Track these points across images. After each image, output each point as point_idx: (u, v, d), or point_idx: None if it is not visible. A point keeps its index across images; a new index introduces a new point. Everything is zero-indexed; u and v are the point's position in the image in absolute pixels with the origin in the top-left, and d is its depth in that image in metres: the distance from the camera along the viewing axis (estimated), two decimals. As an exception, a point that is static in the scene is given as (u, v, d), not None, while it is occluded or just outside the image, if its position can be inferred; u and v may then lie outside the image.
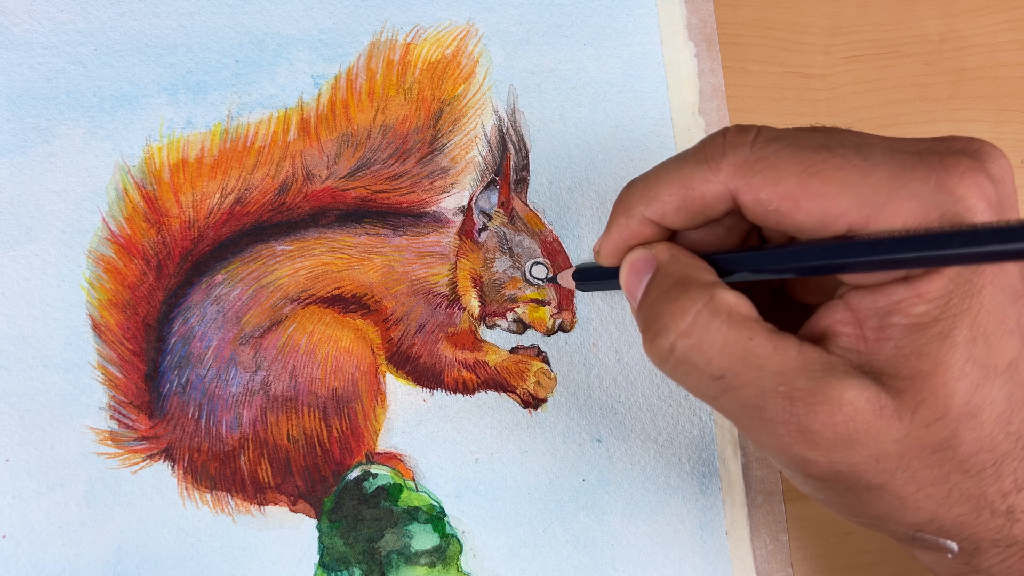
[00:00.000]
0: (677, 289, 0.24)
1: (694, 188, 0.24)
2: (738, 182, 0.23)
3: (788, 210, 0.23)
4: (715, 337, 0.23)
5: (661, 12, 0.39)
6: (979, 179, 0.21)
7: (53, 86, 0.36)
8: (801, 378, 0.22)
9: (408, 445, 0.36)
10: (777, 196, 0.23)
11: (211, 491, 0.35)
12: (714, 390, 0.23)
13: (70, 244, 0.36)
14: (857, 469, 0.22)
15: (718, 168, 0.24)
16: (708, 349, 0.23)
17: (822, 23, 0.40)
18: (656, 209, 0.25)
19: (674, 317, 0.23)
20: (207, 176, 0.36)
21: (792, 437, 0.22)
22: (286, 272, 0.36)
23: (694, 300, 0.23)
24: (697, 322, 0.23)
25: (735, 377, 0.23)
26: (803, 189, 0.22)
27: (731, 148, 0.24)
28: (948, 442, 0.22)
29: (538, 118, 0.38)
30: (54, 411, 0.35)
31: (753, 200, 0.23)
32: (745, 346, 0.23)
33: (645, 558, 0.36)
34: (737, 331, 0.23)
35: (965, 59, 0.40)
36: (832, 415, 0.22)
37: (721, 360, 0.23)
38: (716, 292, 0.24)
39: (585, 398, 0.37)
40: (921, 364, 0.22)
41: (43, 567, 0.34)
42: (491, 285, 0.36)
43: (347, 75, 0.37)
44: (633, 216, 0.26)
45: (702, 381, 0.23)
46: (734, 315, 0.23)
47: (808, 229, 0.23)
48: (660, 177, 0.25)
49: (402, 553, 0.35)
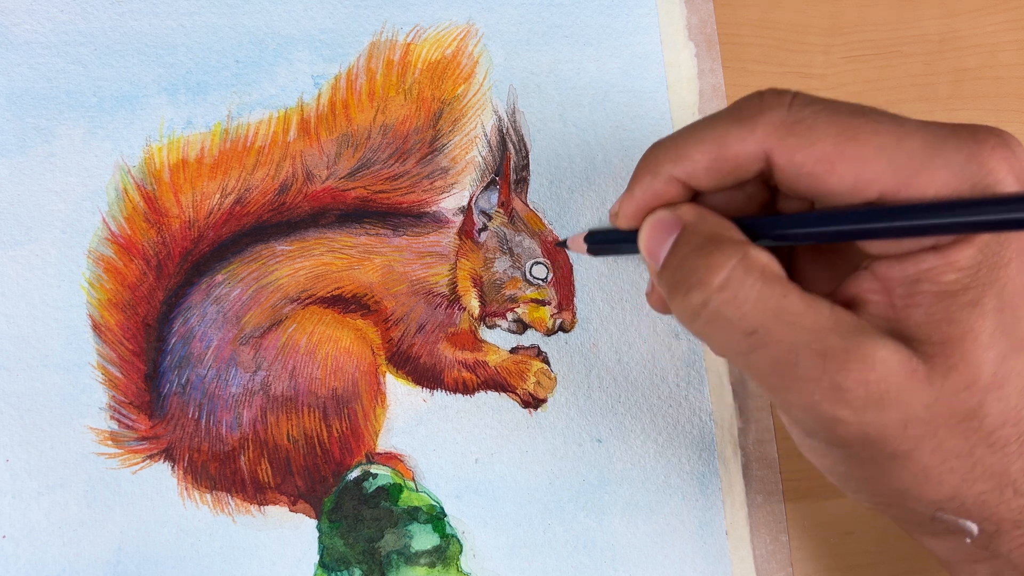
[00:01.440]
0: (710, 245, 0.24)
1: (728, 147, 0.24)
2: (774, 142, 0.23)
3: (822, 173, 0.23)
4: (750, 292, 0.23)
5: (661, 12, 0.39)
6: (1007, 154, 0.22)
7: (53, 86, 0.36)
8: (834, 336, 0.22)
9: (408, 445, 0.36)
10: (812, 158, 0.23)
11: (211, 491, 0.35)
12: (745, 346, 0.23)
13: (70, 244, 0.36)
14: (885, 433, 0.22)
15: (754, 127, 0.23)
16: (742, 304, 0.23)
17: (822, 23, 0.40)
18: (685, 168, 0.25)
19: (709, 271, 0.23)
20: (207, 176, 0.36)
21: (823, 395, 0.22)
22: (286, 272, 0.36)
23: (728, 256, 0.23)
24: (732, 277, 0.23)
25: (768, 333, 0.23)
26: (839, 152, 0.22)
27: (768, 108, 0.24)
28: (975, 411, 0.22)
29: (538, 118, 0.38)
30: (54, 411, 0.35)
31: (787, 162, 0.23)
32: (779, 302, 0.23)
33: (645, 558, 0.36)
34: (771, 287, 0.23)
35: (965, 59, 0.40)
36: (865, 373, 0.22)
37: (755, 315, 0.23)
38: (748, 249, 0.23)
39: (585, 398, 0.37)
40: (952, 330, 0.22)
41: (43, 567, 0.34)
42: (491, 285, 0.36)
43: (347, 75, 0.37)
44: (660, 175, 0.25)
45: (734, 337, 0.23)
46: (767, 272, 0.23)
47: (840, 194, 0.23)
48: (692, 136, 0.25)
49: (402, 553, 0.35)
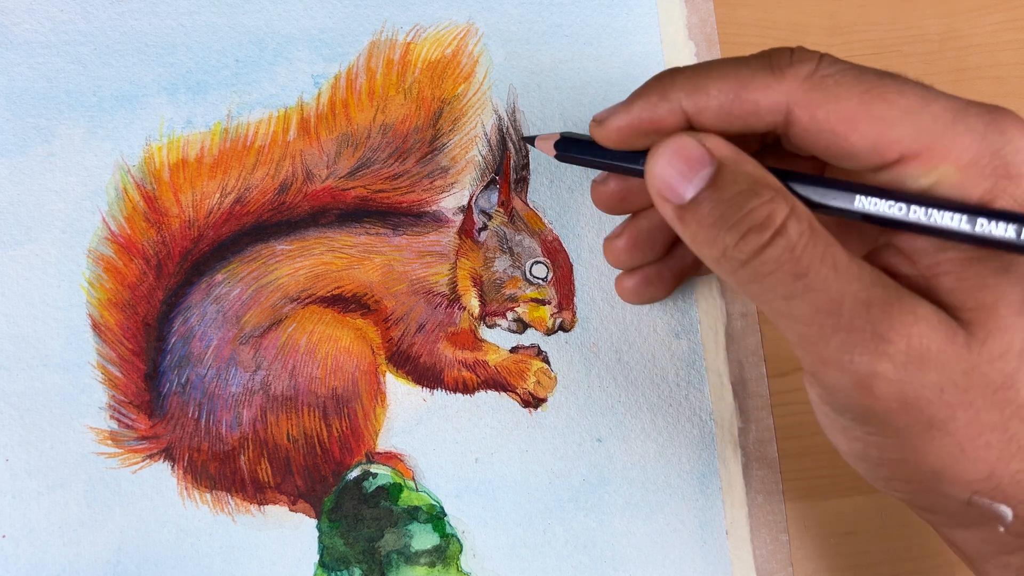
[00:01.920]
0: (764, 188, 0.23)
1: (751, 90, 0.24)
2: (799, 95, 0.23)
3: (844, 131, 0.23)
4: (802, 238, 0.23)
5: (661, 12, 0.39)
6: None
7: (53, 86, 0.36)
8: (878, 288, 0.22)
9: (408, 445, 0.36)
10: (835, 115, 0.23)
11: (211, 491, 0.35)
12: (792, 289, 0.23)
13: (70, 244, 0.36)
14: (922, 396, 0.22)
15: (783, 76, 0.23)
16: (795, 248, 0.23)
17: (822, 23, 0.40)
18: (698, 101, 0.24)
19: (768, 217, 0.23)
20: (207, 176, 0.36)
21: (865, 346, 0.22)
22: (286, 271, 0.36)
23: (784, 202, 0.23)
24: (788, 224, 0.23)
25: (816, 277, 0.22)
26: (864, 110, 0.22)
27: (798, 61, 0.23)
28: (1011, 380, 0.22)
29: (538, 118, 0.38)
30: (54, 411, 0.35)
31: (809, 117, 0.23)
32: (826, 250, 0.23)
33: (645, 558, 0.36)
34: (818, 236, 0.23)
35: (965, 59, 0.40)
36: (908, 326, 0.22)
37: (805, 259, 0.23)
38: (795, 200, 0.23)
39: (585, 398, 0.37)
40: (985, 296, 0.22)
41: (43, 567, 0.34)
42: (491, 284, 0.36)
43: (347, 75, 0.37)
44: (668, 100, 0.25)
45: (783, 280, 0.23)
46: (814, 223, 0.23)
47: (860, 154, 0.23)
48: (713, 71, 0.24)
49: (402, 553, 0.35)
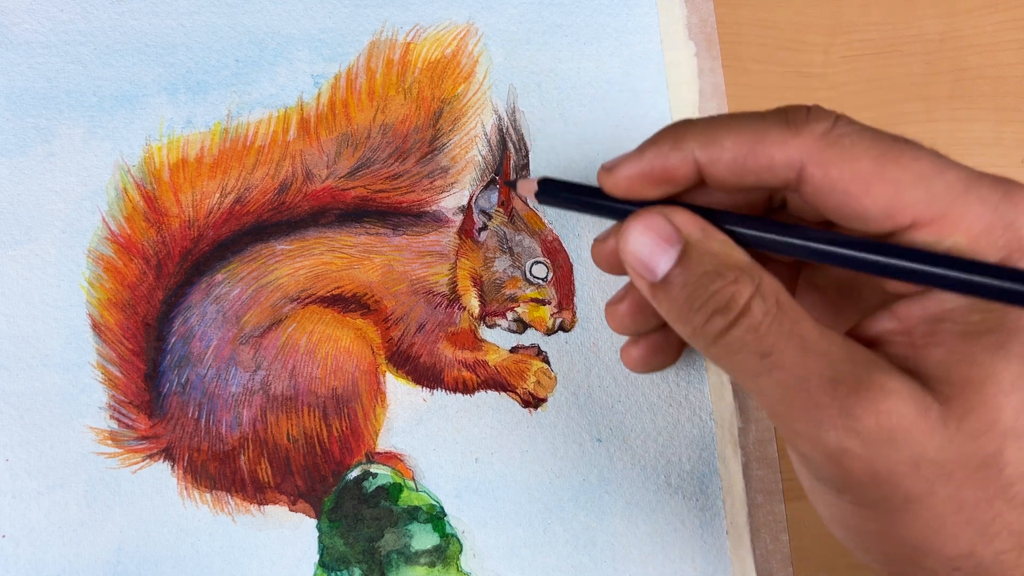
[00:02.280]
0: (728, 269, 0.24)
1: (766, 144, 0.24)
2: (814, 152, 0.23)
3: (857, 192, 0.23)
4: (766, 317, 0.23)
5: (661, 11, 0.39)
6: None
7: (53, 86, 0.36)
8: (846, 364, 0.22)
9: (408, 445, 0.36)
10: (849, 175, 0.23)
11: (211, 491, 0.35)
12: (758, 368, 0.23)
13: (70, 244, 0.36)
14: (896, 471, 0.22)
15: (799, 132, 0.23)
16: (759, 327, 0.23)
17: (822, 22, 0.40)
18: (711, 153, 0.24)
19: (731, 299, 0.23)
20: (207, 176, 0.36)
21: (832, 422, 0.22)
22: (286, 271, 0.36)
23: (748, 283, 0.23)
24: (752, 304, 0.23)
25: (782, 356, 0.22)
26: (878, 172, 0.22)
27: (815, 119, 0.23)
28: (994, 459, 0.21)
29: (538, 118, 0.38)
30: (54, 411, 0.35)
31: (823, 175, 0.23)
32: (792, 327, 0.23)
33: (645, 558, 0.36)
34: (786, 313, 0.23)
35: (965, 58, 0.40)
36: (876, 403, 0.21)
37: (770, 338, 0.23)
38: (763, 275, 0.24)
39: (585, 398, 0.37)
40: (972, 372, 0.22)
41: (43, 567, 0.34)
42: (491, 284, 0.36)
43: (347, 75, 0.37)
44: (681, 149, 0.25)
45: (748, 360, 0.23)
46: (781, 299, 0.23)
47: (871, 216, 0.23)
48: (729, 124, 0.24)
49: (402, 553, 0.35)
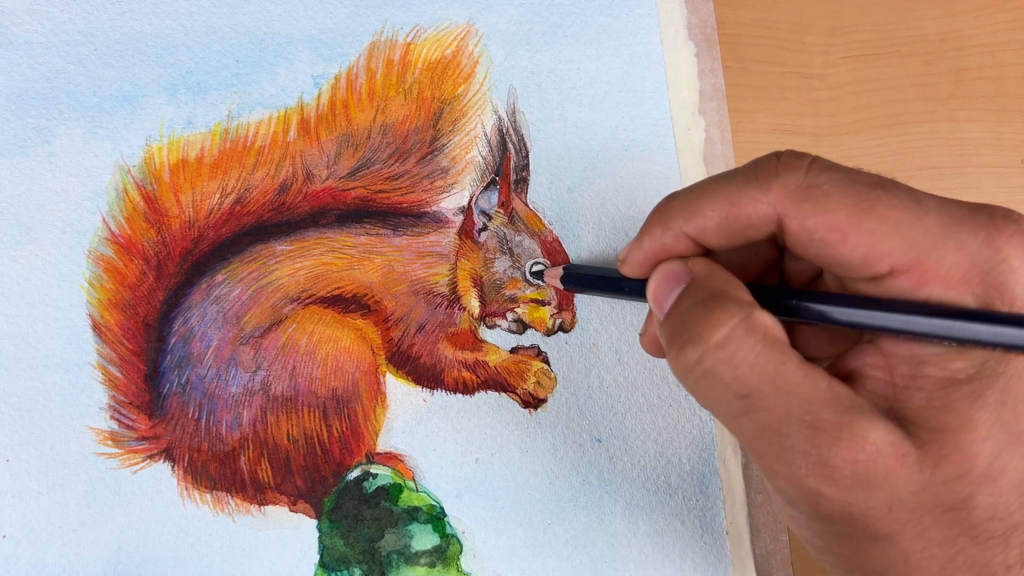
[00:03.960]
0: (713, 301, 0.24)
1: (741, 206, 0.24)
2: (787, 206, 0.23)
3: (834, 242, 0.22)
4: (747, 355, 0.22)
5: (661, 12, 0.39)
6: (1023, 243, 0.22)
7: (53, 86, 0.36)
8: (828, 410, 0.22)
9: (408, 445, 0.36)
10: (825, 226, 0.22)
11: (211, 491, 0.35)
12: (736, 409, 0.23)
13: (70, 244, 0.36)
14: (868, 514, 0.22)
15: (769, 188, 0.23)
16: (739, 365, 0.22)
17: (822, 23, 0.40)
18: (697, 224, 0.25)
19: (708, 328, 0.23)
20: (207, 176, 0.36)
21: (809, 469, 0.22)
22: (286, 272, 0.36)
23: (730, 314, 0.23)
24: (732, 336, 0.23)
25: (761, 398, 0.22)
26: (853, 222, 0.22)
27: (784, 170, 0.23)
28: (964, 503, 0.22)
29: (538, 118, 0.38)
30: (54, 411, 0.35)
31: (799, 227, 0.23)
32: (776, 369, 0.22)
33: (645, 558, 0.36)
34: (770, 353, 0.22)
35: (965, 59, 0.40)
36: (854, 452, 0.21)
37: (750, 378, 0.22)
38: (753, 311, 0.23)
39: (585, 398, 0.37)
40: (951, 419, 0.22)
41: (43, 567, 0.34)
42: (491, 285, 0.36)
43: (347, 75, 0.37)
44: (670, 229, 0.26)
45: (726, 397, 0.23)
46: (768, 336, 0.23)
47: (850, 264, 0.23)
48: (705, 192, 0.25)
49: (402, 553, 0.35)
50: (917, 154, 0.40)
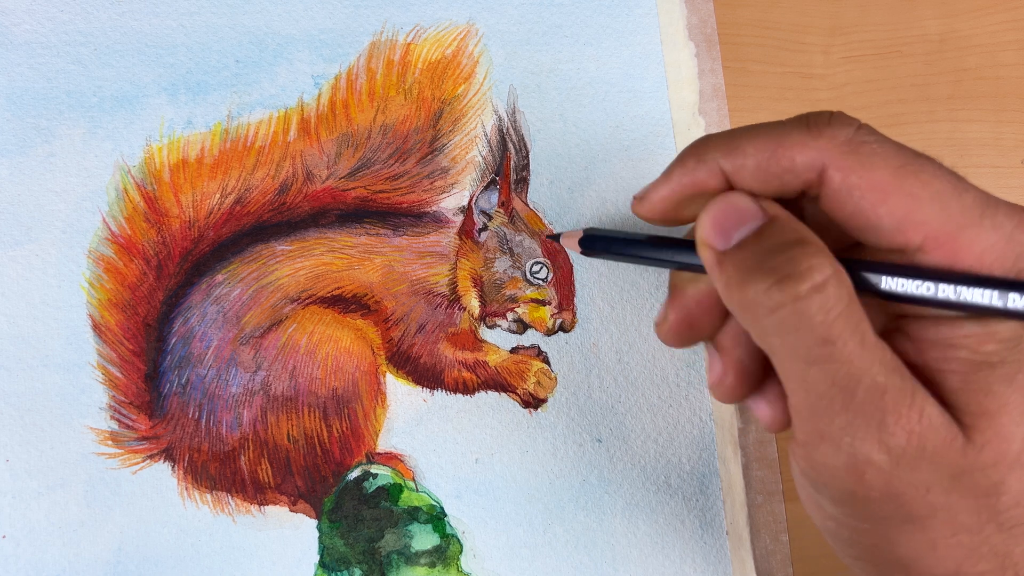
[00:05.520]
0: (811, 245, 0.23)
1: (787, 147, 0.23)
2: (835, 157, 0.23)
3: (873, 202, 0.22)
4: (840, 303, 0.22)
5: (661, 12, 0.39)
6: None
7: (53, 86, 0.36)
8: (896, 376, 0.22)
9: (408, 445, 0.36)
10: (868, 183, 0.22)
11: (211, 491, 0.35)
12: (815, 355, 0.22)
13: (70, 244, 0.36)
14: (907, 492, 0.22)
15: (820, 135, 0.23)
16: (831, 311, 0.22)
17: (822, 23, 0.40)
18: (735, 160, 0.24)
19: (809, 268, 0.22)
20: (207, 176, 0.36)
21: (868, 431, 0.22)
22: (286, 272, 0.36)
23: (829, 260, 0.23)
24: (830, 283, 0.22)
25: (844, 348, 0.22)
26: (897, 183, 0.22)
27: (837, 123, 0.23)
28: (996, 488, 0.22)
29: (538, 118, 0.38)
30: (54, 411, 0.35)
31: (842, 181, 0.23)
32: (860, 323, 0.22)
33: (645, 558, 0.36)
34: (857, 307, 0.22)
35: (965, 59, 0.40)
36: (913, 422, 0.21)
37: (838, 326, 0.22)
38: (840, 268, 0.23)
39: (585, 398, 0.37)
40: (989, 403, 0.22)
41: (43, 567, 0.34)
42: (491, 285, 0.36)
43: (347, 75, 0.37)
44: (706, 162, 0.25)
45: (807, 341, 0.22)
46: (853, 293, 0.22)
47: (884, 227, 0.22)
48: (749, 131, 0.24)
49: (402, 553, 0.35)
50: (917, 154, 0.40)
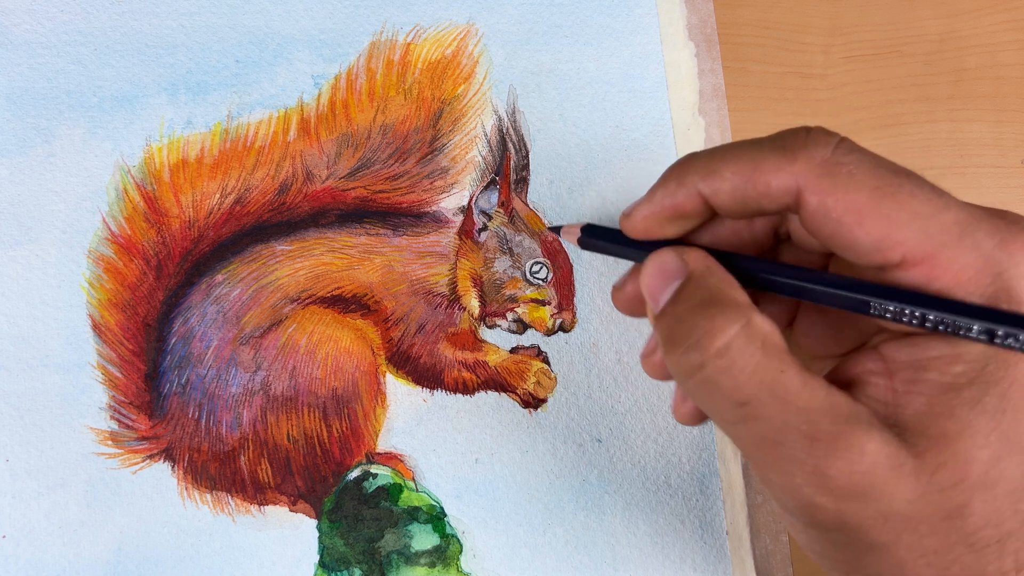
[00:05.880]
0: (714, 307, 0.23)
1: (762, 172, 0.23)
2: (810, 180, 0.23)
3: (850, 223, 0.22)
4: (747, 363, 0.22)
5: (661, 12, 0.39)
6: None
7: (53, 86, 0.36)
8: (826, 420, 0.22)
9: (408, 445, 0.36)
10: (844, 205, 0.22)
11: (211, 491, 0.35)
12: (735, 416, 0.23)
13: (70, 244, 0.36)
14: (864, 524, 0.22)
15: (794, 159, 0.23)
16: (738, 374, 0.22)
17: (822, 23, 0.40)
18: (712, 184, 0.24)
19: (709, 335, 0.23)
20: (207, 176, 0.36)
21: (805, 479, 0.22)
22: (286, 272, 0.36)
23: (731, 320, 0.23)
24: (732, 344, 0.22)
25: (759, 407, 0.22)
26: (873, 205, 0.22)
27: (813, 144, 0.23)
28: (960, 510, 0.21)
29: (538, 118, 0.38)
30: (54, 411, 0.35)
31: (818, 203, 0.23)
32: (775, 377, 0.22)
33: (645, 558, 0.36)
34: (769, 360, 0.22)
35: (965, 59, 0.40)
36: (851, 464, 0.21)
37: (749, 387, 0.22)
38: (752, 317, 0.23)
39: (585, 398, 0.37)
40: (950, 426, 0.22)
41: (43, 567, 0.34)
42: (491, 285, 0.36)
43: (347, 75, 0.37)
44: (685, 185, 0.25)
45: (724, 405, 0.23)
46: (768, 343, 0.22)
47: (863, 249, 0.22)
48: (727, 154, 0.24)
49: (402, 553, 0.35)
50: (917, 154, 0.40)
